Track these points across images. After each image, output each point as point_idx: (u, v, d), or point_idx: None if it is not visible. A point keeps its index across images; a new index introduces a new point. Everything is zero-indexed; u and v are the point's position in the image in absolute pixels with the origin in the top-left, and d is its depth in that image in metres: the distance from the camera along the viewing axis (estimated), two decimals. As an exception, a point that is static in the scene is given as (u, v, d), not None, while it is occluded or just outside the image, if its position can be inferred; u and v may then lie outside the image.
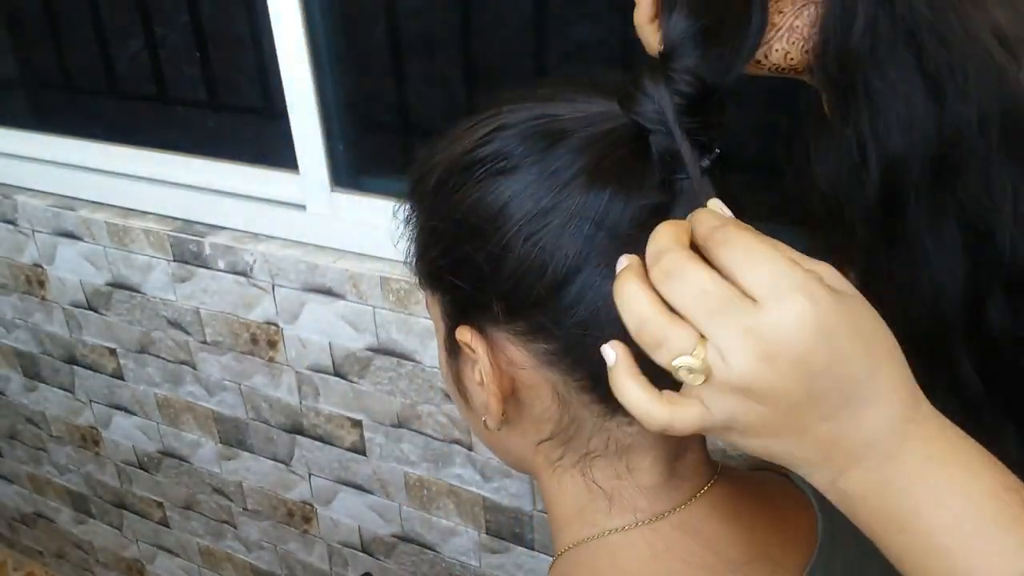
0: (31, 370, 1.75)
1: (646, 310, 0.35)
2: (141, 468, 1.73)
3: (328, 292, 1.23)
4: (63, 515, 2.00)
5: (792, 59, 0.50)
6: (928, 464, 0.34)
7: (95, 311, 1.54)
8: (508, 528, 1.28)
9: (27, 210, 1.49)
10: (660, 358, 0.35)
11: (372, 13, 1.16)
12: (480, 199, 0.42)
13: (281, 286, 1.27)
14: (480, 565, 1.36)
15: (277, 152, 1.26)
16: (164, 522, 1.79)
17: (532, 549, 1.28)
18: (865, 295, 0.36)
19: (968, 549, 0.33)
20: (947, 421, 0.36)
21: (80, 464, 1.84)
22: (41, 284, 1.58)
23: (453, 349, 0.48)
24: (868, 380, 0.34)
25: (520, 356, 0.44)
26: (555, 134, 0.41)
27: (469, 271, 0.43)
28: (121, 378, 1.60)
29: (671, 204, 0.40)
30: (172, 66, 1.39)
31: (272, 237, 1.28)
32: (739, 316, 0.33)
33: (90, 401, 1.70)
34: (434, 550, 1.40)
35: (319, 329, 1.27)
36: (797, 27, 0.49)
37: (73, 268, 1.50)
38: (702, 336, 0.34)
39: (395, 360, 1.23)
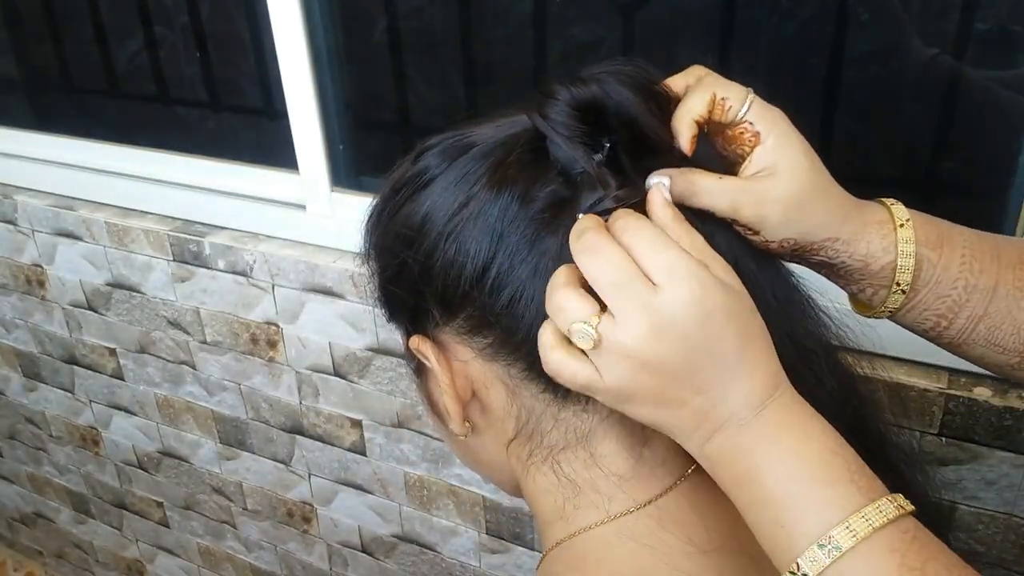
0: (31, 370, 1.75)
1: (558, 280, 0.41)
2: (141, 468, 1.73)
3: (328, 292, 1.23)
4: (63, 515, 2.00)
5: None
6: (775, 431, 0.40)
7: (95, 311, 1.54)
8: (508, 528, 1.28)
9: (27, 210, 1.49)
10: (558, 322, 0.40)
11: (372, 13, 1.15)
12: (409, 213, 0.46)
13: (281, 286, 1.27)
14: (480, 565, 1.36)
15: (277, 152, 1.26)
16: (164, 522, 1.79)
17: (532, 549, 1.28)
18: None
19: (792, 499, 0.38)
20: (806, 405, 0.41)
21: (80, 464, 1.84)
22: (41, 284, 1.58)
23: (418, 368, 0.51)
24: (737, 360, 0.39)
25: (466, 354, 0.47)
26: (466, 146, 0.46)
27: (407, 280, 0.47)
28: (121, 378, 1.60)
29: (574, 193, 0.43)
30: (172, 66, 1.39)
31: (272, 237, 1.28)
32: (639, 293, 0.38)
33: (90, 401, 1.70)
34: (434, 550, 1.40)
35: (319, 329, 1.27)
36: None
37: (73, 268, 1.50)
38: (603, 309, 0.39)
39: (395, 360, 1.23)
